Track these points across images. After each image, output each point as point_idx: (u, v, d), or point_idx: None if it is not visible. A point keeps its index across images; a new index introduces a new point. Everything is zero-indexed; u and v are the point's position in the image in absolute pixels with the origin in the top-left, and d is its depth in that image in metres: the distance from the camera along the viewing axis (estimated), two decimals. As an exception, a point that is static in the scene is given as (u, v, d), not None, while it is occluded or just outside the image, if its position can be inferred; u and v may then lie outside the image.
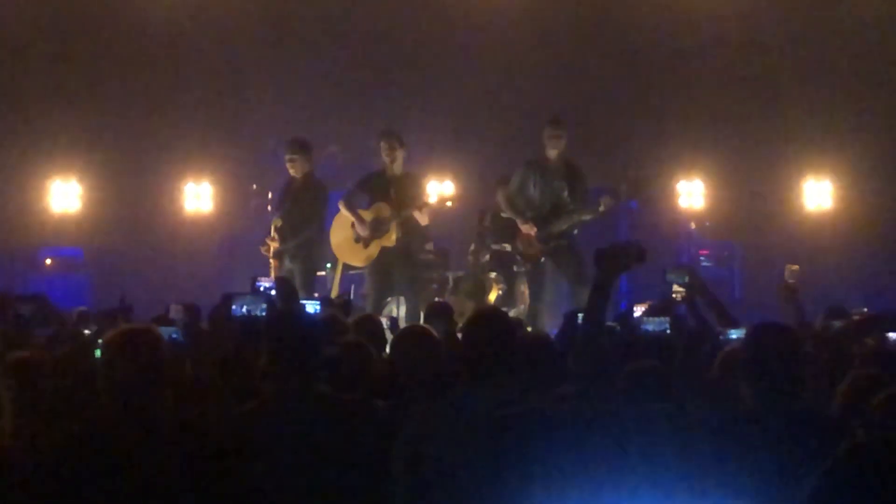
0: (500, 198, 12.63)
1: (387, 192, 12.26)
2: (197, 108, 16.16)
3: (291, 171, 12.52)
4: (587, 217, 12.33)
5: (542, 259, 12.31)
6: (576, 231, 12.42)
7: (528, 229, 12.26)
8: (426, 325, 6.65)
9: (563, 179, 12.31)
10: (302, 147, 12.55)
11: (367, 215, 12.26)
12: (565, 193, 12.28)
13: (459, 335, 6.16)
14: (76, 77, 16.13)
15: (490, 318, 5.25)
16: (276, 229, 12.33)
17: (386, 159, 12.29)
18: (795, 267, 9.67)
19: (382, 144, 12.29)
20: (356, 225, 12.27)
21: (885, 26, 16.10)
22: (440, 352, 6.03)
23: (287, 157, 12.55)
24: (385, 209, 12.22)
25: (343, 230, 12.46)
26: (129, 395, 4.61)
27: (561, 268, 12.28)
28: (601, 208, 12.20)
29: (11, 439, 4.72)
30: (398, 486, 4.82)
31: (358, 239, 12.33)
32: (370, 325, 7.39)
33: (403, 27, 16.44)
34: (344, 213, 12.44)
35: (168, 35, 16.20)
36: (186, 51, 16.29)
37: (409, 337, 6.20)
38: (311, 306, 8.37)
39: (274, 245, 12.33)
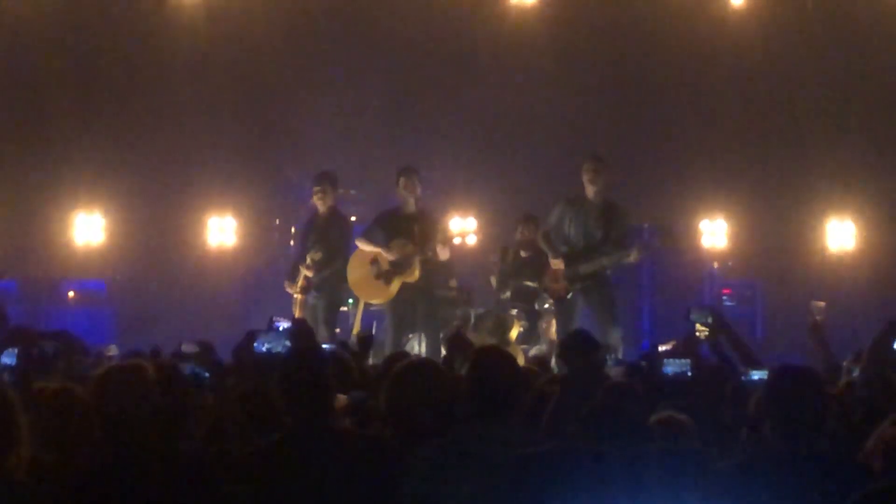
0: (539, 233, 12.61)
1: (407, 229, 12.27)
2: (221, 142, 16.20)
3: (319, 205, 12.56)
4: (617, 262, 12.27)
5: (570, 295, 12.26)
6: (608, 270, 12.35)
7: (556, 264, 12.20)
8: (431, 359, 6.53)
9: (599, 219, 12.20)
10: (330, 180, 12.61)
11: (389, 252, 12.26)
12: (600, 234, 12.18)
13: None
14: (101, 110, 16.20)
15: (495, 356, 5.27)
16: (313, 262, 12.34)
17: (406, 195, 12.31)
18: (822, 303, 9.55)
19: (403, 181, 12.31)
20: (381, 257, 12.26)
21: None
22: (446, 387, 5.85)
23: (316, 189, 12.59)
24: (408, 246, 12.22)
25: (361, 267, 12.42)
26: (121, 430, 4.61)
27: (590, 306, 12.22)
28: (631, 258, 12.17)
29: (27, 473, 4.73)
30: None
31: (378, 275, 12.32)
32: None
33: (428, 63, 16.49)
34: (363, 250, 12.43)
35: (193, 69, 16.26)
36: (211, 85, 16.35)
37: (413, 371, 5.91)
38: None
39: (307, 273, 12.34)
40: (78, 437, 5.04)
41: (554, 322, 12.76)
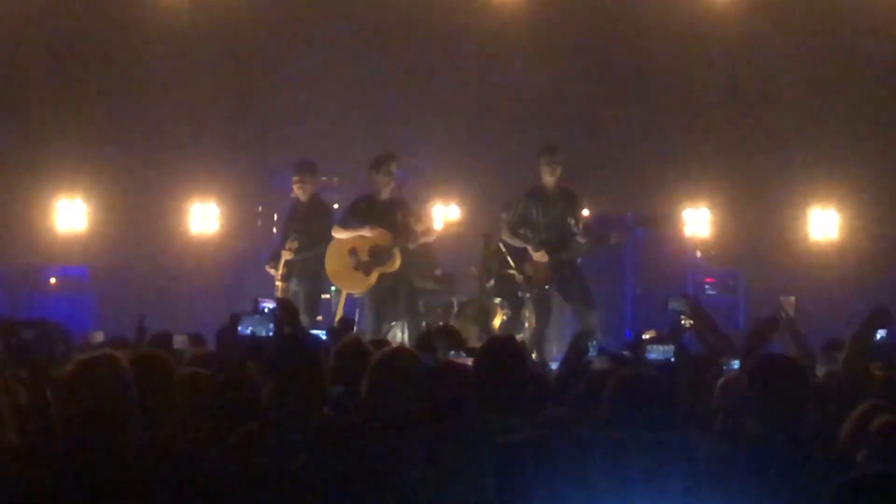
0: (505, 230, 12.68)
1: (386, 217, 12.25)
2: (203, 128, 16.16)
3: (299, 194, 12.57)
4: (595, 248, 12.40)
5: (548, 286, 12.35)
6: (579, 259, 12.50)
7: (540, 256, 12.30)
8: (408, 348, 6.44)
9: (563, 206, 12.40)
10: (309, 169, 12.59)
11: (367, 243, 12.23)
12: (569, 220, 12.36)
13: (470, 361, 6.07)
14: (82, 96, 16.14)
15: (502, 346, 5.26)
16: (291, 250, 12.36)
17: (385, 183, 12.31)
18: (791, 298, 9.61)
19: (386, 168, 12.30)
20: (365, 231, 12.21)
21: (892, 58, 16.13)
22: (424, 376, 5.73)
23: (295, 178, 12.60)
24: (386, 236, 12.20)
25: (340, 257, 12.40)
26: (91, 425, 4.57)
27: (568, 297, 12.34)
28: (612, 241, 12.29)
29: (11, 458, 4.71)
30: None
31: (357, 266, 12.30)
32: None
33: (410, 52, 16.46)
34: (340, 239, 12.39)
35: (175, 55, 16.21)
36: (193, 71, 16.29)
37: (393, 362, 5.77)
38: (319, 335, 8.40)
39: (288, 256, 12.35)
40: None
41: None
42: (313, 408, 5.08)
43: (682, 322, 7.96)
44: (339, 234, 12.39)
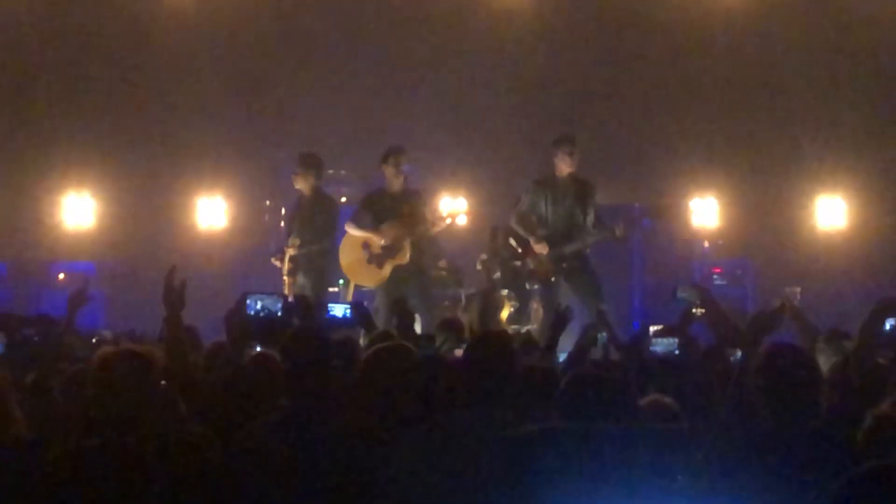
0: (513, 218, 12.64)
1: (395, 211, 12.27)
2: (211, 123, 16.16)
3: (301, 187, 12.58)
4: (600, 240, 12.37)
5: (553, 278, 12.31)
6: (588, 249, 12.45)
7: (540, 249, 12.27)
8: (403, 343, 6.45)
9: (574, 198, 12.34)
10: (305, 162, 12.59)
11: (380, 236, 12.26)
12: (578, 212, 12.32)
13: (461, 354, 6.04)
14: (90, 92, 16.16)
15: (493, 341, 5.25)
16: (293, 246, 12.37)
17: (394, 176, 12.31)
18: (797, 289, 9.61)
19: (395, 160, 12.30)
20: (372, 241, 12.26)
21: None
22: (419, 370, 5.73)
23: (292, 173, 12.63)
24: (397, 228, 12.22)
25: (353, 251, 12.44)
26: (121, 415, 4.58)
27: (577, 288, 12.29)
28: (617, 234, 12.24)
29: (20, 454, 4.73)
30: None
31: (371, 259, 12.35)
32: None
33: (417, 43, 16.44)
34: (354, 234, 12.44)
35: (182, 50, 16.21)
36: (200, 66, 16.29)
37: (390, 354, 5.79)
38: (341, 309, 8.33)
39: (291, 251, 12.36)
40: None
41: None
42: (323, 400, 5.08)
43: (693, 311, 7.94)
44: (352, 232, 12.42)
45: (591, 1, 16.50)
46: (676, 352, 6.82)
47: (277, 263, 12.61)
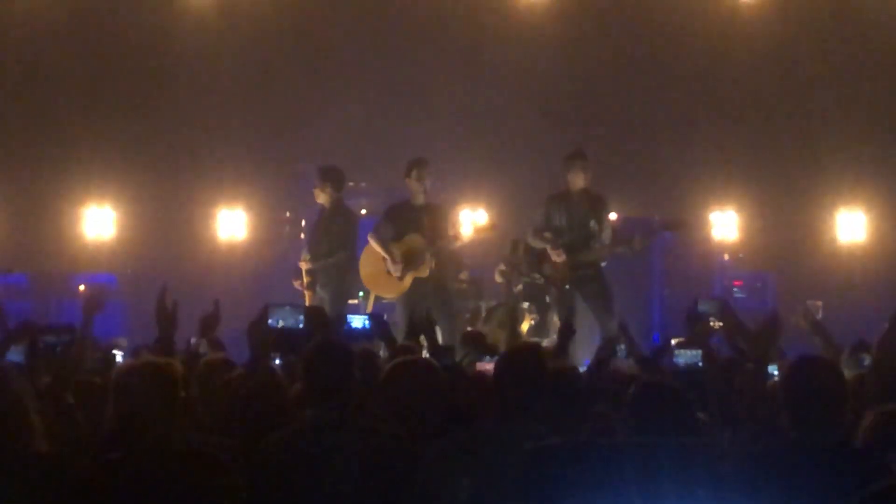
0: (529, 233, 12.67)
1: (417, 223, 12.29)
2: (231, 134, 16.20)
3: (320, 200, 12.63)
4: (618, 251, 12.39)
5: (568, 286, 12.35)
6: (604, 263, 12.47)
7: (556, 256, 12.32)
8: (425, 358, 6.41)
9: (589, 211, 12.40)
10: (324, 176, 12.63)
11: (399, 248, 12.28)
12: (592, 223, 12.36)
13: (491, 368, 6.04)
14: (111, 104, 16.19)
15: (524, 354, 5.25)
16: (307, 261, 12.42)
17: (417, 188, 12.32)
18: (819, 303, 9.58)
19: (417, 173, 12.31)
20: (388, 263, 12.28)
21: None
22: (440, 384, 5.71)
23: (312, 186, 12.69)
24: (418, 241, 12.23)
25: (374, 262, 12.46)
26: (142, 428, 4.59)
27: (587, 298, 12.33)
28: (635, 246, 12.26)
29: (41, 465, 4.73)
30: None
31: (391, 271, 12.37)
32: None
33: (437, 55, 16.45)
34: (374, 247, 12.45)
35: (203, 62, 16.26)
36: (221, 78, 16.35)
37: (410, 368, 5.81)
38: (360, 320, 8.34)
39: (304, 266, 12.41)
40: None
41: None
42: (345, 413, 5.08)
43: (711, 324, 7.91)
44: (372, 244, 12.44)
45: (612, 14, 16.49)
46: (700, 363, 6.81)
47: (298, 285, 12.63)
